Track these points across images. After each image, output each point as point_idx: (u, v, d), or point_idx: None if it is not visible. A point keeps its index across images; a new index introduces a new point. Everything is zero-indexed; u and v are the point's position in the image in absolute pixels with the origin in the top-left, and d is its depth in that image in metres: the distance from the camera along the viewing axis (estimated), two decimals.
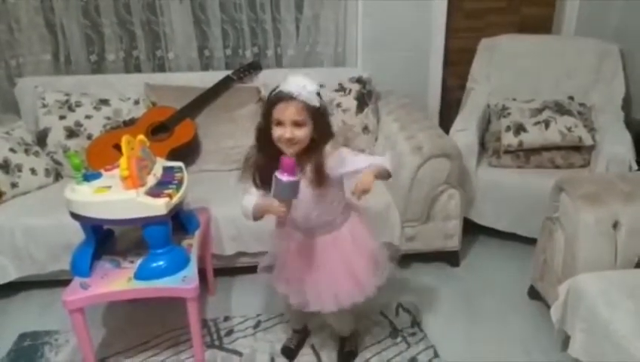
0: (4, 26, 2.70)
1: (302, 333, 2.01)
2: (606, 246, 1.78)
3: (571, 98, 2.72)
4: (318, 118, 1.52)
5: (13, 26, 2.71)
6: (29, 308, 2.23)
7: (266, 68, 2.83)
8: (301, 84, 1.48)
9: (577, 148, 2.54)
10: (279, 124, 1.49)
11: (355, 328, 1.98)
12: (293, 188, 1.44)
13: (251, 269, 1.83)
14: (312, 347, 1.99)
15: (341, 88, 2.68)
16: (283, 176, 1.41)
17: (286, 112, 1.47)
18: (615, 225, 1.78)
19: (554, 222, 2.00)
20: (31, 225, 2.14)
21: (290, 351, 1.95)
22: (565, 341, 1.76)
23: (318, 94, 1.51)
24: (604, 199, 1.83)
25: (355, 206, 1.71)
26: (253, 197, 1.60)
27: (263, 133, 1.54)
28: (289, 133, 1.48)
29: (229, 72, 2.71)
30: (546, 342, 1.99)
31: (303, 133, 1.50)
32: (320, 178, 1.53)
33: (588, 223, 1.80)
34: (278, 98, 1.49)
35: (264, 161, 1.55)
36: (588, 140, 2.50)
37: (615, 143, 2.42)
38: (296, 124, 1.48)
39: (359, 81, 2.74)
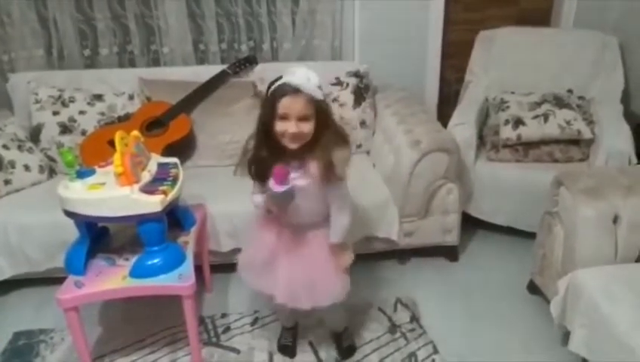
0: None
1: (294, 329, 1.99)
2: (606, 240, 1.77)
3: (570, 91, 2.70)
4: (321, 111, 1.49)
5: (5, 20, 2.66)
6: (24, 307, 2.21)
7: (261, 62, 2.79)
8: (306, 76, 1.44)
9: (576, 141, 2.52)
10: (284, 118, 1.45)
11: (347, 324, 1.96)
12: (288, 195, 1.45)
13: None
14: (310, 344, 1.98)
15: (338, 82, 2.66)
16: (278, 187, 1.42)
17: (293, 107, 1.43)
18: (615, 220, 1.77)
19: (553, 217, 1.98)
20: (25, 223, 2.11)
21: (289, 349, 1.94)
22: (565, 336, 1.75)
23: (320, 87, 1.48)
24: (604, 193, 1.81)
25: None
26: (257, 195, 1.62)
27: (265, 127, 1.50)
28: (295, 127, 1.44)
29: (224, 67, 2.67)
30: (545, 336, 1.98)
31: (308, 128, 1.46)
32: (329, 174, 1.50)
33: (588, 217, 1.78)
34: (283, 91, 1.43)
35: (264, 155, 1.52)
36: (587, 134, 2.48)
37: (614, 137, 2.40)
38: (303, 119, 1.45)
39: (356, 74, 2.71)
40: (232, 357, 1.93)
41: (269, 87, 1.51)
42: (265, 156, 1.52)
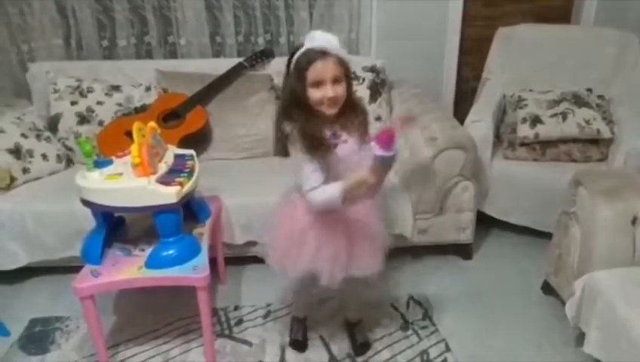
0: (17, 10, 2.68)
1: (304, 322, 1.98)
2: (624, 242, 1.75)
3: (589, 90, 2.66)
4: (348, 71, 1.47)
5: (26, 10, 2.69)
6: (40, 294, 2.24)
7: (278, 55, 2.78)
8: (328, 38, 1.42)
9: (595, 141, 2.48)
10: (317, 84, 1.41)
11: (364, 314, 1.96)
12: (393, 160, 1.37)
13: (262, 259, 1.81)
14: (321, 338, 1.98)
15: (354, 77, 2.64)
16: (387, 152, 1.31)
17: (325, 70, 1.39)
18: (634, 221, 1.74)
19: (570, 217, 1.96)
20: (42, 211, 2.13)
21: (300, 344, 1.93)
22: (580, 337, 1.74)
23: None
24: (623, 194, 1.79)
25: None
26: (328, 186, 1.44)
27: (297, 100, 1.44)
28: (332, 91, 1.41)
29: (241, 59, 2.68)
30: (559, 337, 1.96)
31: (342, 89, 1.44)
32: (367, 131, 1.49)
33: (606, 218, 1.76)
34: (311, 57, 1.40)
35: (313, 127, 1.44)
36: (606, 133, 2.45)
37: (634, 137, 2.36)
38: (336, 81, 1.42)
39: (372, 69, 2.70)
40: (244, 349, 1.94)
41: (289, 61, 1.48)
42: (315, 127, 1.44)
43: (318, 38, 1.41)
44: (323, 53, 1.40)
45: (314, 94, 1.42)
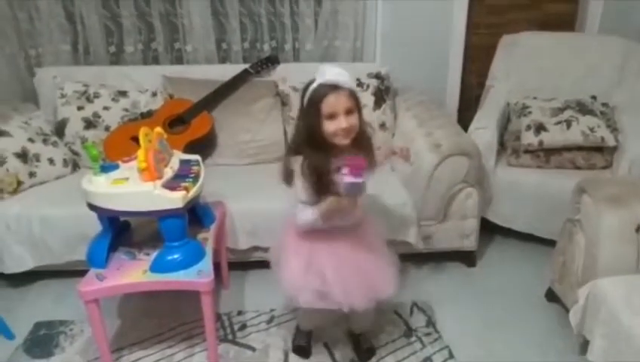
0: (25, 16, 2.71)
1: (310, 332, 1.98)
2: (628, 249, 1.74)
3: (594, 97, 2.66)
4: (359, 102, 1.53)
5: (34, 15, 2.72)
6: (46, 298, 2.25)
7: (283, 62, 2.81)
8: (337, 71, 1.48)
9: (599, 149, 2.48)
10: (331, 117, 1.47)
11: (371, 327, 1.96)
12: (363, 188, 1.46)
13: (265, 264, 1.82)
14: (325, 345, 1.98)
15: (359, 84, 2.66)
16: (355, 179, 1.41)
17: (339, 103, 1.46)
18: (638, 229, 1.74)
19: (575, 224, 1.96)
20: (48, 215, 2.15)
21: (304, 350, 1.93)
22: (584, 345, 1.73)
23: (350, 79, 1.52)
24: (628, 201, 1.79)
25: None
26: (308, 208, 1.55)
27: (312, 134, 1.50)
28: (345, 122, 1.47)
29: (246, 66, 2.70)
30: (563, 345, 1.96)
31: (355, 120, 1.50)
32: (373, 162, 1.56)
33: (610, 226, 1.76)
34: (324, 91, 1.46)
35: (320, 162, 1.50)
36: (611, 141, 2.45)
37: (639, 144, 2.36)
38: (349, 112, 1.48)
39: (377, 76, 2.71)
40: (247, 354, 1.95)
41: (302, 96, 1.54)
42: (321, 162, 1.50)
43: (328, 73, 1.48)
44: (335, 87, 1.46)
45: (329, 127, 1.48)
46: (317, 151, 1.51)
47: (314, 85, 1.49)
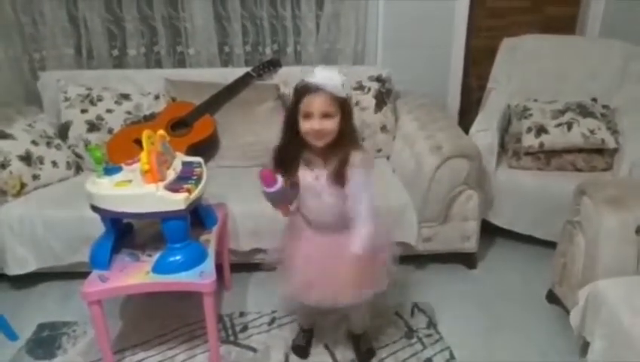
0: (29, 20, 2.74)
1: (310, 332, 2.00)
2: (628, 251, 1.75)
3: (594, 100, 2.67)
4: (346, 109, 1.53)
5: (38, 19, 2.75)
6: (49, 299, 2.27)
7: (285, 65, 2.82)
8: (326, 75, 1.49)
9: (600, 151, 2.49)
10: (307, 116, 1.50)
11: (368, 326, 1.97)
12: (278, 196, 1.55)
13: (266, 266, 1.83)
14: (326, 346, 1.99)
15: (360, 86, 2.67)
16: (267, 188, 1.51)
17: (314, 104, 1.48)
18: (638, 230, 1.74)
19: (575, 226, 1.97)
20: (51, 217, 2.16)
21: (302, 350, 1.95)
22: (584, 346, 1.73)
23: (343, 85, 1.52)
24: (628, 203, 1.79)
25: None
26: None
27: (291, 126, 1.55)
28: (318, 124, 1.49)
29: (248, 69, 2.71)
30: (563, 347, 1.96)
31: (331, 125, 1.50)
32: (338, 177, 1.54)
33: (610, 228, 1.76)
34: (304, 90, 1.49)
35: (288, 149, 1.58)
36: (611, 143, 2.46)
37: (639, 147, 2.37)
38: (326, 116, 1.49)
39: (378, 79, 2.72)
40: (249, 355, 1.95)
41: (295, 88, 1.57)
42: (289, 149, 1.58)
43: (317, 75, 1.50)
44: (317, 89, 1.48)
45: (303, 125, 1.52)
46: (290, 140, 1.57)
47: (300, 82, 1.53)
